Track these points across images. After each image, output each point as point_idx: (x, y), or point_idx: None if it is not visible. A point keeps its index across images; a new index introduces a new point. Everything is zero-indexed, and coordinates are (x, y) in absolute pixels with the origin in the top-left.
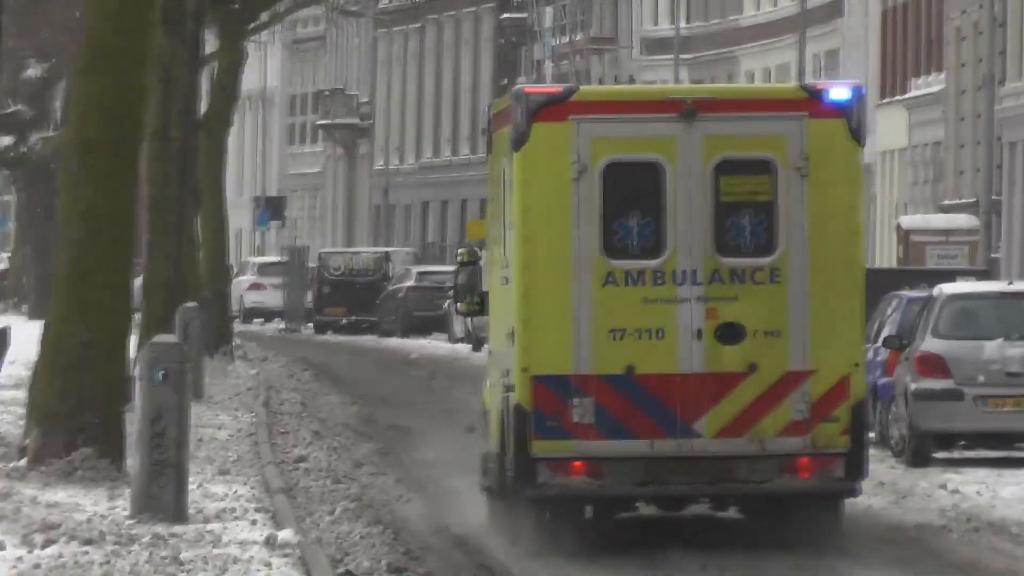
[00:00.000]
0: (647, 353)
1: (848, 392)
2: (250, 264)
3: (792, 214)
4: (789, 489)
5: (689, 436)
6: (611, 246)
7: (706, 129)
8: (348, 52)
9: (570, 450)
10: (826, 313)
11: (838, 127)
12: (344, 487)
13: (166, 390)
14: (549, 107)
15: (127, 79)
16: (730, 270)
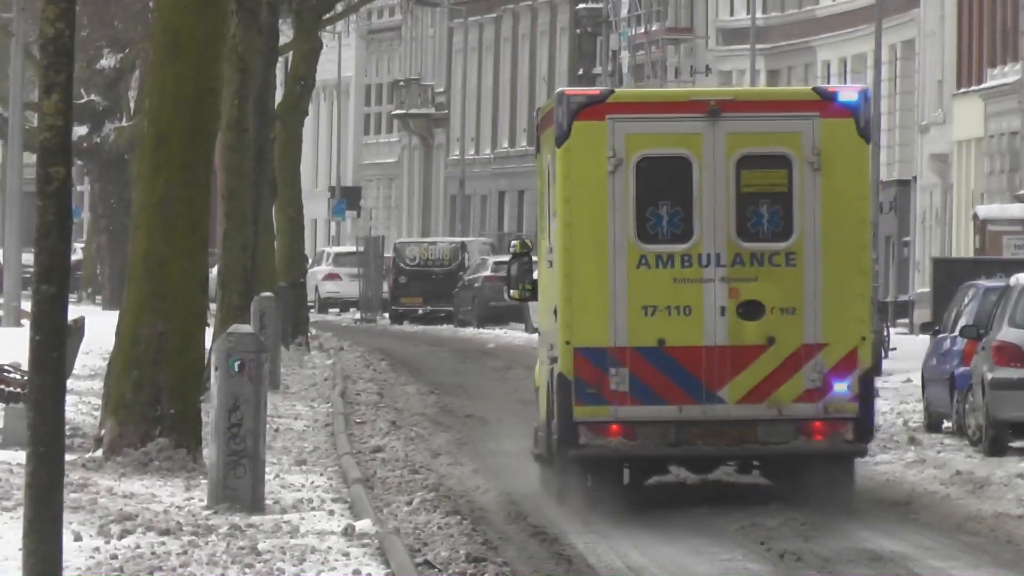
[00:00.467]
0: (676, 328)
1: (857, 363)
2: (326, 254)
3: (806, 204)
4: (804, 450)
5: (714, 403)
6: (644, 232)
7: (729, 127)
8: (423, 42)
9: (608, 415)
10: (837, 292)
11: (847, 126)
12: (421, 477)
13: (242, 380)
14: (588, 108)
15: (203, 69)
16: (750, 254)
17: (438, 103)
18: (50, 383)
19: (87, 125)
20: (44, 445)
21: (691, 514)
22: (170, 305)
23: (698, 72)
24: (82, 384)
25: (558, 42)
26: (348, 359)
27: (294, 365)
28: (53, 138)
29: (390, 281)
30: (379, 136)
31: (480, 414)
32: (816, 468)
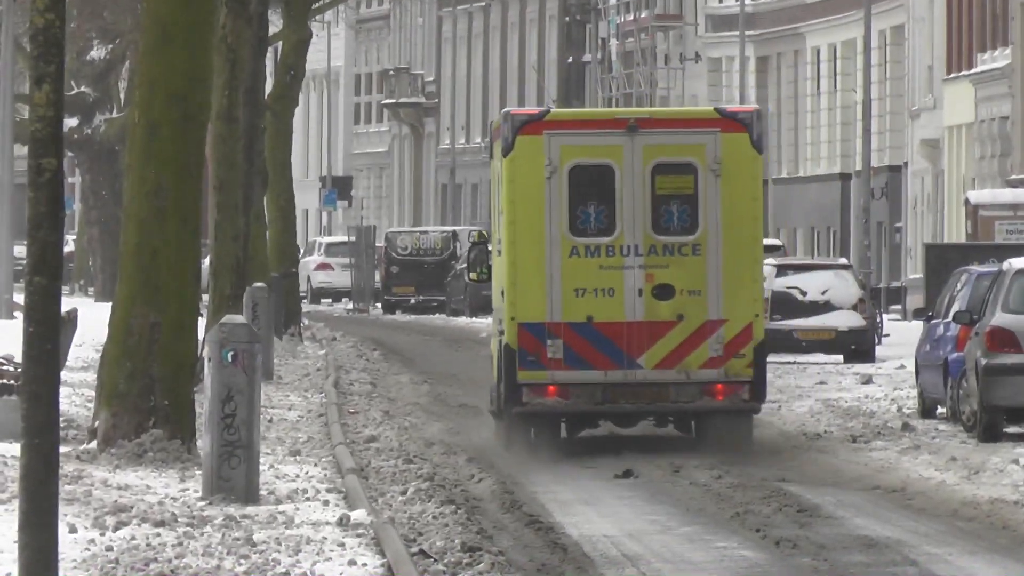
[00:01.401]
0: (602, 306)
1: (752, 335)
2: (317, 244)
3: (709, 204)
4: (709, 408)
5: (634, 368)
6: (575, 227)
7: (645, 140)
8: (412, 31)
9: (546, 378)
10: (734, 277)
11: (743, 139)
12: (416, 467)
13: (236, 371)
14: (529, 124)
15: (192, 59)
16: (663, 245)
17: (428, 92)
18: (44, 374)
19: (77, 117)
20: (38, 437)
21: (686, 502)
22: (163, 296)
23: (688, 59)
24: (75, 376)
25: (547, 30)
26: (341, 349)
27: (287, 355)
28: (44, 129)
29: (382, 271)
30: (369, 126)
31: (473, 403)
32: (719, 422)
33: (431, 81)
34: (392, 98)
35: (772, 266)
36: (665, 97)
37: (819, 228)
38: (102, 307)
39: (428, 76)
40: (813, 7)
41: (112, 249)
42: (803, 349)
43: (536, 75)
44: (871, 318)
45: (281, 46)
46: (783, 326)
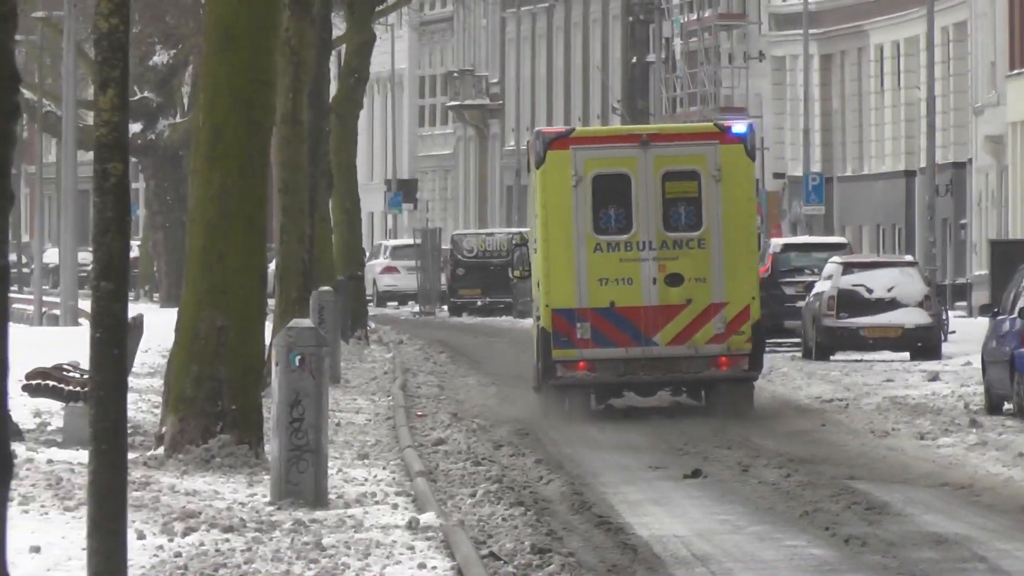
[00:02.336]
0: (622, 293)
1: (749, 315)
2: (383, 247)
3: (711, 205)
4: (714, 377)
5: (650, 345)
6: (598, 227)
7: (656, 152)
8: (476, 32)
9: (575, 355)
10: (733, 266)
11: (738, 150)
12: (484, 469)
13: (303, 375)
14: (557, 140)
15: (256, 62)
16: (673, 240)
17: (492, 94)
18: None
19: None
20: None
21: (755, 501)
22: (229, 300)
23: (751, 58)
24: (142, 382)
25: (610, 30)
26: (408, 352)
27: (354, 359)
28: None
29: (448, 273)
30: (434, 128)
31: None
32: (724, 390)
33: (495, 82)
34: (456, 100)
35: (838, 264)
36: (729, 96)
37: (884, 226)
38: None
39: (492, 77)
40: (876, 4)
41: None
42: (870, 347)
43: (600, 75)
44: (937, 315)
45: (345, 49)
46: (850, 324)
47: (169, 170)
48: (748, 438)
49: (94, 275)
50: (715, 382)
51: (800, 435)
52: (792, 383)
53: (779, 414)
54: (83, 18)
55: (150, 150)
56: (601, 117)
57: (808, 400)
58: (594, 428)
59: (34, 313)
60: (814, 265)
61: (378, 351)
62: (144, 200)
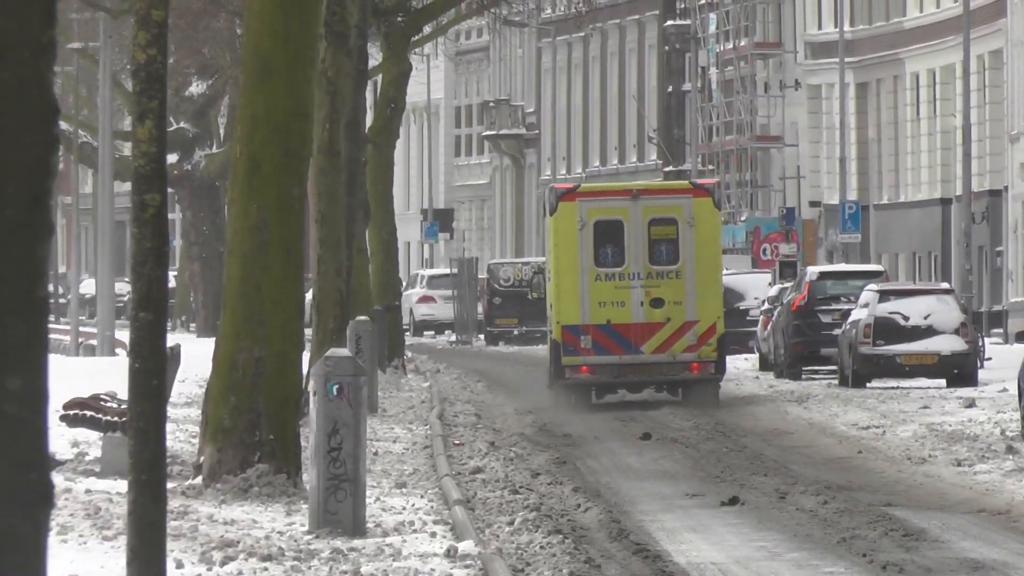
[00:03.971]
0: (617, 313)
1: (716, 330)
2: (419, 277)
3: (686, 245)
4: (689, 379)
5: (638, 354)
6: (598, 261)
7: (644, 203)
8: (512, 62)
9: (580, 361)
10: (703, 292)
11: (708, 202)
12: (522, 497)
13: (341, 404)
14: (567, 194)
15: (293, 94)
16: (656, 272)
17: (528, 123)
18: (150, 410)
19: (177, 153)
20: (146, 473)
21: (793, 528)
22: (267, 330)
23: (787, 87)
24: (179, 412)
25: (647, 59)
26: (445, 381)
27: (391, 388)
28: (148, 165)
29: (484, 302)
30: (470, 158)
31: (578, 433)
32: (696, 389)
33: (531, 112)
34: (492, 130)
35: (874, 292)
36: (765, 125)
37: (920, 253)
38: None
39: (528, 107)
40: (912, 33)
41: (214, 284)
42: (906, 374)
43: (636, 105)
44: (973, 342)
45: (381, 79)
46: (886, 351)
47: (205, 201)
48: (785, 465)
49: (133, 306)
50: (689, 383)
51: (837, 462)
52: (829, 410)
53: (816, 441)
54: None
55: (186, 181)
56: (637, 146)
57: (845, 427)
58: (632, 456)
59: (71, 343)
60: (850, 293)
61: (415, 380)
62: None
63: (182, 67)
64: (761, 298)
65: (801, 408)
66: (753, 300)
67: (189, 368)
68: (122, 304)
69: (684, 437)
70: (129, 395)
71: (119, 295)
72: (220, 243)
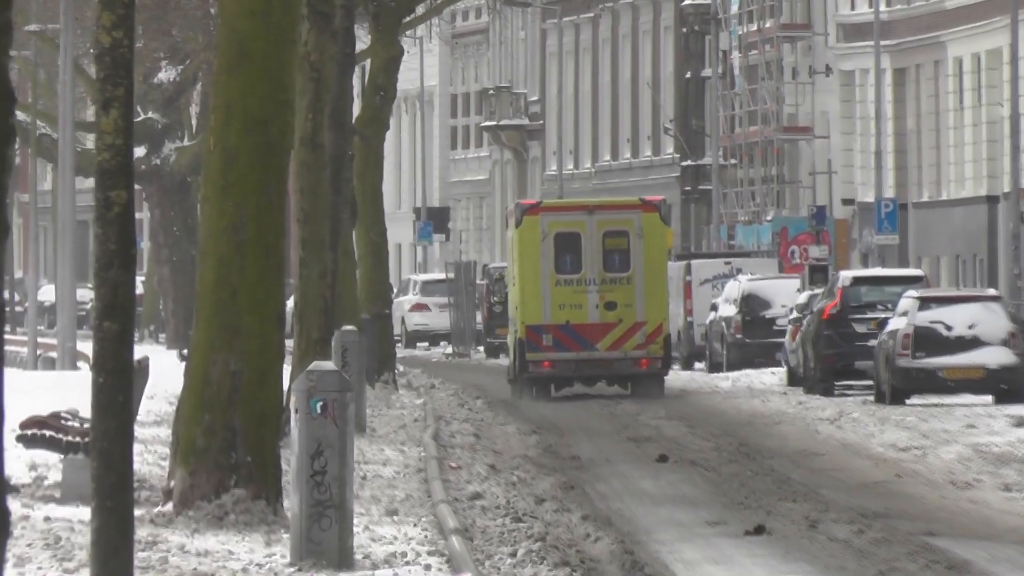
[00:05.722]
0: (574, 314)
1: (662, 331)
2: (412, 282)
3: (635, 254)
4: (638, 373)
5: (593, 351)
6: (558, 268)
7: (599, 217)
8: (514, 46)
9: (541, 357)
10: (651, 296)
11: (655, 217)
12: (526, 526)
13: (326, 423)
14: (531, 209)
15: (272, 80)
16: (610, 278)
17: (531, 113)
18: (116, 429)
19: (145, 145)
20: (111, 498)
21: (824, 560)
22: (243, 341)
23: (817, 72)
24: (147, 431)
25: (662, 42)
26: (440, 398)
27: (381, 405)
28: (113, 159)
29: (484, 310)
30: (467, 151)
31: (587, 455)
32: (644, 382)
33: (535, 101)
34: (492, 120)
35: (914, 299)
36: (793, 115)
37: (964, 256)
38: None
39: (532, 95)
40: (954, 13)
41: (185, 290)
42: (949, 389)
43: (650, 92)
44: (1023, 354)
45: (370, 64)
46: (927, 364)
47: (176, 198)
48: (816, 490)
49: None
50: (637, 377)
51: (873, 487)
52: (864, 430)
53: (849, 464)
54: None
55: (155, 176)
56: (652, 139)
57: (881, 448)
58: (647, 480)
59: (28, 356)
60: (887, 300)
61: (407, 397)
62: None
63: (150, 51)
64: (789, 306)
65: (833, 427)
66: (780, 308)
67: (159, 383)
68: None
69: (704, 459)
70: (92, 413)
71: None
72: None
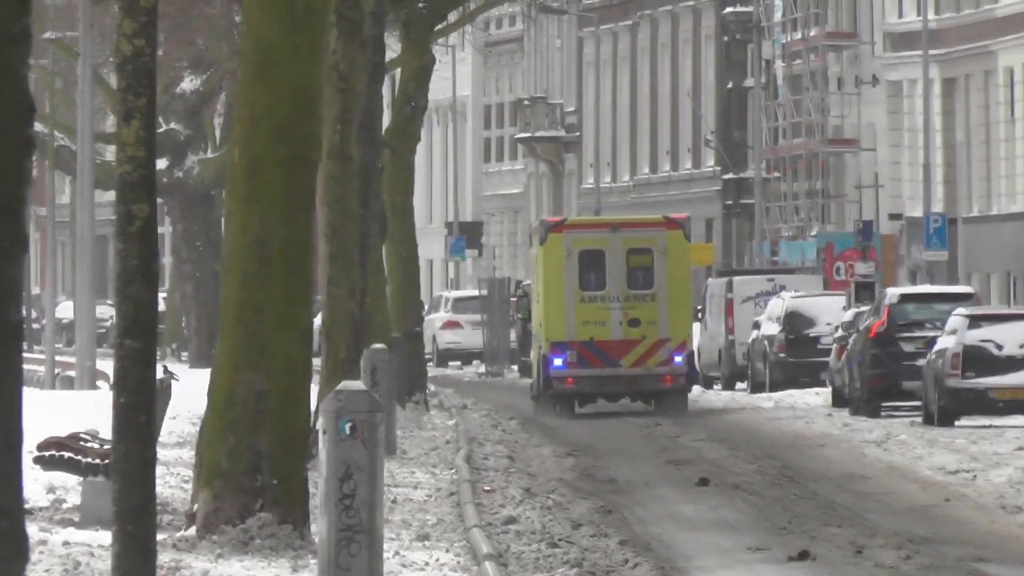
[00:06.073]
0: (598, 331)
1: (686, 347)
2: (444, 299)
3: (659, 272)
4: (662, 389)
5: (617, 367)
6: (583, 285)
7: (623, 235)
8: (549, 55)
9: (565, 373)
10: (674, 313)
11: (679, 234)
12: (562, 552)
13: (355, 444)
14: (555, 227)
15: (299, 90)
16: (634, 295)
17: (568, 124)
18: (138, 451)
19: (167, 157)
20: (132, 522)
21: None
22: (269, 360)
23: (864, 83)
24: (170, 453)
25: (703, 51)
26: (473, 418)
27: (411, 427)
28: (134, 171)
29: (518, 328)
30: (501, 163)
31: (625, 478)
32: (668, 398)
33: (571, 111)
34: (527, 131)
35: (963, 317)
36: (839, 126)
37: (1016, 273)
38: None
39: (568, 106)
40: (1006, 21)
41: (208, 307)
42: (1000, 410)
43: (691, 103)
44: None
45: (400, 73)
46: (977, 384)
47: (199, 212)
48: (862, 514)
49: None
50: (661, 393)
51: (921, 511)
52: (912, 452)
53: (897, 487)
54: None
55: (177, 189)
56: (692, 151)
57: (930, 471)
58: (687, 504)
59: (46, 375)
60: (936, 318)
61: (439, 417)
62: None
63: (173, 60)
64: (834, 324)
65: (880, 449)
66: (825, 326)
67: (181, 403)
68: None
69: (746, 482)
70: (113, 434)
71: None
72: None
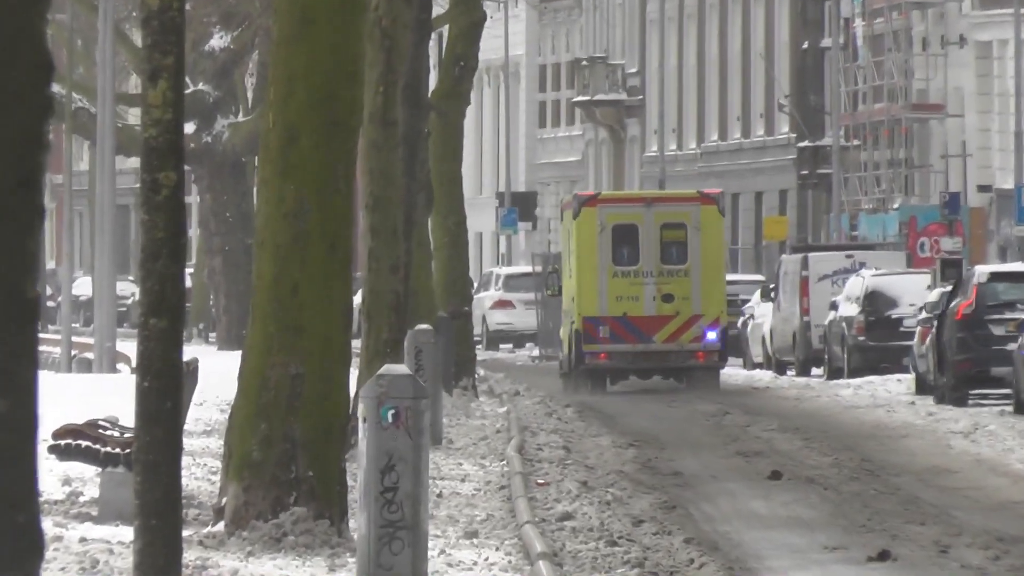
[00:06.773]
0: (632, 306)
1: (719, 323)
2: (495, 276)
3: (693, 247)
4: (695, 366)
5: (650, 343)
6: (616, 260)
7: (656, 209)
8: (610, 12)
9: (598, 349)
10: (708, 289)
11: (713, 209)
12: (622, 550)
13: (397, 433)
14: (589, 201)
15: (339, 49)
16: (667, 271)
17: (630, 87)
18: (163, 439)
19: (195, 121)
20: (157, 517)
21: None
22: (305, 341)
23: (951, 43)
24: (196, 443)
25: (776, 9)
26: (525, 406)
27: (459, 414)
28: (161, 135)
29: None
30: (557, 129)
31: (691, 471)
32: (700, 375)
33: (633, 73)
34: (585, 95)
35: None
36: (923, 91)
37: None
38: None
39: (630, 67)
40: None
41: (239, 284)
42: None
43: (764, 65)
44: None
45: (448, 31)
46: None
47: (229, 181)
48: (947, 511)
49: (142, 311)
50: (694, 370)
51: (1011, 507)
52: (1002, 444)
53: (985, 482)
54: None
55: (206, 156)
56: (765, 117)
57: (1021, 465)
58: (757, 499)
59: (62, 357)
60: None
61: (489, 405)
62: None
63: (201, 15)
64: (918, 305)
65: (967, 441)
66: (908, 307)
67: (209, 388)
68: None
69: (822, 476)
70: (136, 421)
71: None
72: (248, 234)
